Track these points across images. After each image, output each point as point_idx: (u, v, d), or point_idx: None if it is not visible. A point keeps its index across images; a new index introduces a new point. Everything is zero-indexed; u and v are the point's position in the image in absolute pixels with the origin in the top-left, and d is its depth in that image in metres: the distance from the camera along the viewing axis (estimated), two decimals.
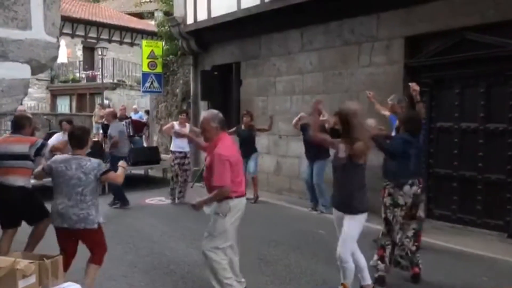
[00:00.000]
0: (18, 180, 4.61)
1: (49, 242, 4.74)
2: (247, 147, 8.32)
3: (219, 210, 3.90)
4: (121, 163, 4.30)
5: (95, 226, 3.87)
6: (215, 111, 4.10)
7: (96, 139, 11.97)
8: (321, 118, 5.90)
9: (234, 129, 8.44)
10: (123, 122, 11.12)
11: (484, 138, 6.42)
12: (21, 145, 4.68)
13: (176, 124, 8.36)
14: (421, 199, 4.62)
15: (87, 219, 3.81)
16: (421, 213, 4.70)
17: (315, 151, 7.37)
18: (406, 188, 4.43)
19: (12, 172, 4.60)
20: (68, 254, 3.86)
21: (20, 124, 4.87)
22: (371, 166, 7.04)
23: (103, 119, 10.94)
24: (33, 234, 4.78)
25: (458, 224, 6.63)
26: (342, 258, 3.88)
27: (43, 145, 4.83)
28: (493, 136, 6.33)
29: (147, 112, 15.87)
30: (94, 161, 3.90)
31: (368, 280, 4.07)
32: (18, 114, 6.48)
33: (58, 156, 4.07)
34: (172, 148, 8.59)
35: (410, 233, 4.54)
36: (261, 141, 9.60)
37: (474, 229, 6.43)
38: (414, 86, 5.16)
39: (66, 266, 3.78)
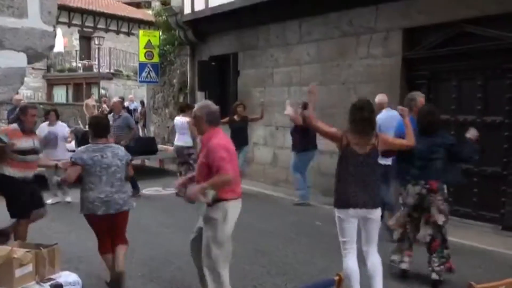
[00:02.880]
0: (32, 173, 4.92)
1: (47, 233, 4.75)
2: (239, 139, 7.98)
3: (215, 214, 3.40)
4: None
5: (133, 207, 4.20)
6: (206, 102, 3.77)
7: None
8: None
9: (226, 119, 8.31)
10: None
11: (481, 131, 6.41)
12: (33, 140, 4.91)
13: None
14: (432, 202, 4.27)
15: (129, 202, 4.13)
16: (439, 218, 4.25)
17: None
18: (408, 186, 4.40)
19: (34, 166, 4.92)
20: (107, 237, 4.08)
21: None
22: None
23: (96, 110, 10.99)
24: (17, 235, 4.74)
25: (454, 216, 6.62)
26: None
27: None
28: (489, 129, 6.32)
29: (142, 102, 15.81)
30: (122, 148, 4.21)
31: None
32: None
33: (84, 147, 4.07)
34: None
35: (427, 238, 4.33)
36: (258, 132, 9.58)
37: (470, 221, 6.47)
38: None
39: (109, 248, 4.09)
